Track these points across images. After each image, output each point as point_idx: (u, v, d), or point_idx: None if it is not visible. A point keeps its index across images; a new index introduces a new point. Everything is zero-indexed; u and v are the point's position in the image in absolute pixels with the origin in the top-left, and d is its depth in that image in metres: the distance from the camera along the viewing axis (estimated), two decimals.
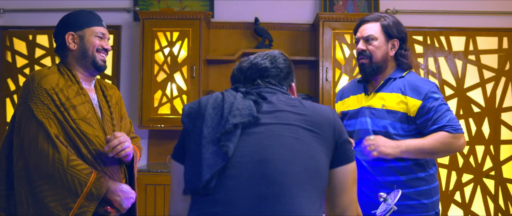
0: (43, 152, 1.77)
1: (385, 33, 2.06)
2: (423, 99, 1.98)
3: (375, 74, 2.08)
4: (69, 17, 2.00)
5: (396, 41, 2.08)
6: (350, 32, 3.76)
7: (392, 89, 2.05)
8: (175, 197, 1.37)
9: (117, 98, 2.13)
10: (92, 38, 1.96)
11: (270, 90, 1.39)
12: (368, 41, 2.06)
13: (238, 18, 4.11)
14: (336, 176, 1.33)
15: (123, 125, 2.10)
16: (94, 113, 1.93)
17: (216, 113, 1.29)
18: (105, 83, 2.13)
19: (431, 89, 2.01)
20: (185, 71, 3.75)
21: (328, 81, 3.73)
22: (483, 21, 4.11)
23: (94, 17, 2.01)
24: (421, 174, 2.03)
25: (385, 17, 2.09)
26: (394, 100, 2.02)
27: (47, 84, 1.85)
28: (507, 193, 4.06)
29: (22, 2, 4.15)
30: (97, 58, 1.97)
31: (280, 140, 1.24)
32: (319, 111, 1.33)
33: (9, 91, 4.16)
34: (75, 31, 1.96)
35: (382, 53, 2.07)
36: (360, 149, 2.05)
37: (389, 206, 1.80)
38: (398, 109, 2.01)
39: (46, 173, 1.76)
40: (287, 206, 1.17)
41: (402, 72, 2.09)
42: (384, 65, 2.08)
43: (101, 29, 1.99)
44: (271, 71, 1.43)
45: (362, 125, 2.07)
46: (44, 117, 1.80)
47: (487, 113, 4.08)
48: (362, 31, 2.08)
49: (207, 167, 1.21)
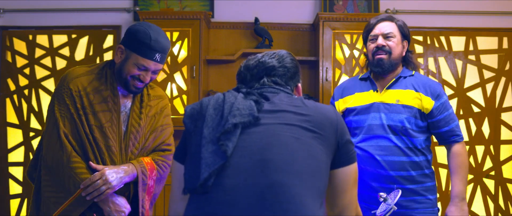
0: (51, 146, 1.84)
1: (400, 32, 2.18)
2: (436, 99, 2.10)
3: (391, 70, 2.16)
4: (133, 30, 1.88)
5: (406, 42, 2.22)
6: (350, 32, 3.76)
7: (406, 86, 2.14)
8: (175, 197, 1.37)
9: (158, 109, 2.03)
10: (132, 66, 1.87)
11: (273, 90, 1.39)
12: (388, 37, 2.15)
13: (238, 18, 4.11)
14: (338, 176, 1.33)
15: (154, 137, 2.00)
16: (117, 122, 1.90)
17: (216, 113, 1.30)
18: (153, 92, 2.04)
19: (441, 90, 2.15)
20: (185, 71, 3.75)
21: (328, 81, 3.73)
22: (483, 21, 4.11)
23: (149, 46, 1.85)
24: (427, 171, 2.13)
25: (396, 18, 2.22)
26: (409, 96, 2.11)
27: (75, 86, 1.88)
28: (507, 193, 4.06)
29: (22, 2, 4.14)
30: (130, 84, 1.90)
31: (280, 140, 1.23)
32: (321, 111, 1.33)
33: (9, 91, 4.15)
34: (126, 47, 1.88)
35: (400, 50, 2.18)
36: (371, 143, 2.09)
37: (389, 206, 1.80)
38: (413, 104, 2.10)
39: (50, 167, 1.84)
40: (287, 206, 1.16)
41: (410, 71, 2.20)
42: (399, 62, 2.19)
43: (146, 62, 1.86)
44: (278, 70, 1.43)
45: (374, 120, 2.11)
46: (61, 115, 1.85)
47: (487, 113, 4.08)
48: (382, 28, 2.17)
49: (205, 165, 1.21)
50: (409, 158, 2.07)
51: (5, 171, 4.14)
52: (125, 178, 1.85)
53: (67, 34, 4.14)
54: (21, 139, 4.15)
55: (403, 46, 2.19)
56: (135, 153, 1.94)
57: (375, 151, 2.08)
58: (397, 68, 2.19)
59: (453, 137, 2.15)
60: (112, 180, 1.80)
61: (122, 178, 1.83)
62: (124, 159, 1.91)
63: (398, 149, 2.07)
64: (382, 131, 2.08)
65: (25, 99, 4.14)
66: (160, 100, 2.06)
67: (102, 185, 1.78)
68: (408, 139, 2.07)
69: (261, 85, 1.41)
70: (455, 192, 2.12)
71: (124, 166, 1.86)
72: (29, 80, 4.14)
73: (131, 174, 1.87)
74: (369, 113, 2.13)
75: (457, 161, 2.14)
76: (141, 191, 1.91)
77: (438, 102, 2.11)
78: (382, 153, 2.07)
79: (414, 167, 2.08)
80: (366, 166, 2.11)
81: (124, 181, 1.85)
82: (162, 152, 2.04)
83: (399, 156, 2.06)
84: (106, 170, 1.80)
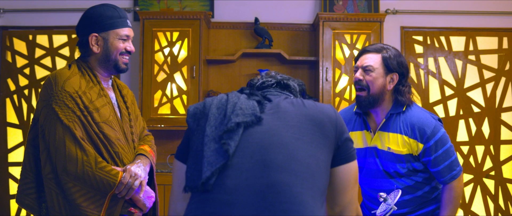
0: (71, 155, 1.77)
1: (385, 65, 2.00)
2: (425, 141, 1.96)
3: (371, 107, 2.04)
4: (93, 15, 1.91)
5: (396, 75, 2.01)
6: (350, 32, 3.76)
7: (395, 129, 2.01)
8: (176, 196, 1.37)
9: (132, 97, 2.10)
10: (116, 41, 1.91)
11: (275, 93, 1.41)
12: (366, 71, 2.01)
13: (238, 18, 4.11)
14: (338, 174, 1.34)
15: (138, 123, 2.09)
16: (115, 114, 1.93)
17: (219, 112, 1.31)
18: (119, 82, 2.10)
19: (434, 128, 1.97)
20: (185, 71, 3.75)
21: (328, 81, 3.73)
22: (483, 21, 4.11)
23: (119, 16, 1.93)
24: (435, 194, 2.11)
25: (387, 49, 2.04)
26: (399, 142, 2.00)
27: (71, 88, 1.83)
28: (507, 193, 4.06)
29: (22, 2, 4.15)
30: (120, 62, 1.94)
31: (281, 140, 1.24)
32: (321, 110, 1.34)
33: (9, 91, 4.16)
34: (99, 32, 1.90)
35: (379, 85, 2.00)
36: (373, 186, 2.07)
37: (389, 206, 1.80)
38: (403, 152, 1.99)
39: (76, 176, 1.77)
40: (288, 205, 1.17)
41: (401, 107, 2.03)
42: (381, 97, 2.02)
43: (126, 31, 1.93)
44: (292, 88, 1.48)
45: (371, 165, 2.07)
46: (69, 120, 1.79)
47: (487, 113, 4.08)
48: (362, 61, 2.04)
49: (207, 164, 1.22)
50: (413, 195, 2.04)
51: (5, 171, 4.14)
52: (146, 168, 1.93)
53: (67, 34, 4.14)
54: (21, 139, 4.15)
55: (392, 79, 2.01)
56: (135, 140, 2.00)
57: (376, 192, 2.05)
58: (383, 103, 2.03)
59: (449, 175, 1.99)
60: (140, 173, 1.86)
61: (145, 169, 1.91)
62: (131, 147, 1.96)
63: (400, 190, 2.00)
64: (381, 175, 2.05)
65: (25, 99, 4.15)
66: (128, 89, 2.12)
67: (135, 181, 1.84)
68: (408, 179, 2.03)
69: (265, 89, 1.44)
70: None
71: (137, 159, 1.93)
72: (29, 80, 4.14)
73: (148, 164, 1.95)
74: (366, 157, 2.07)
75: (451, 195, 2.01)
76: (154, 173, 2.03)
77: (429, 143, 1.96)
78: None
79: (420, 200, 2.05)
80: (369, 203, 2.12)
81: (147, 171, 1.93)
82: (147, 137, 2.11)
83: (401, 196, 2.02)
84: (130, 167, 1.85)
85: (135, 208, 1.91)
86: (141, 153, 1.97)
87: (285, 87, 1.46)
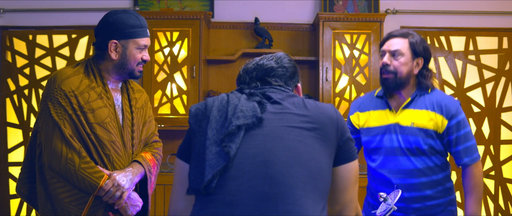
0: (56, 151, 1.79)
1: (412, 50, 2.07)
2: (450, 119, 2.04)
3: (397, 89, 2.09)
4: (116, 21, 1.90)
5: (421, 59, 2.10)
6: (350, 32, 3.76)
7: (421, 106, 2.07)
8: (176, 195, 1.37)
9: (143, 102, 2.08)
10: (135, 51, 1.92)
11: (275, 90, 1.41)
12: (395, 56, 2.07)
13: (238, 18, 4.11)
14: (339, 174, 1.35)
15: (146, 129, 2.05)
16: (115, 116, 1.92)
17: (220, 114, 1.32)
18: (134, 86, 2.08)
19: (457, 108, 2.07)
20: (185, 71, 3.75)
21: (328, 81, 3.74)
22: (483, 21, 4.11)
23: (141, 26, 1.93)
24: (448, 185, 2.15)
25: (412, 34, 2.10)
26: (424, 117, 2.05)
27: (67, 87, 1.85)
28: (507, 193, 4.06)
29: (22, 2, 4.15)
30: (136, 71, 1.95)
31: (283, 142, 1.25)
32: (322, 110, 1.34)
33: (9, 91, 4.16)
34: (119, 39, 1.90)
35: (408, 70, 2.08)
36: (390, 167, 2.08)
37: (389, 206, 1.80)
38: (428, 126, 2.04)
39: (59, 172, 1.79)
40: (290, 207, 1.17)
41: (426, 89, 2.11)
42: (407, 81, 2.09)
43: (145, 41, 1.94)
44: (277, 71, 1.45)
45: (391, 142, 2.08)
46: (59, 118, 1.81)
47: (487, 113, 4.08)
48: (390, 45, 2.08)
49: (209, 167, 1.23)
50: (429, 178, 2.05)
51: (5, 171, 4.14)
52: (135, 178, 1.90)
53: (67, 34, 4.14)
54: (21, 139, 4.15)
55: (417, 64, 2.09)
56: (135, 145, 1.98)
57: (393, 174, 2.06)
58: (407, 87, 2.10)
59: (468, 157, 2.06)
60: (123, 184, 1.84)
61: (132, 179, 1.88)
62: (129, 152, 1.94)
63: (417, 171, 2.04)
64: (401, 153, 2.06)
65: (25, 99, 4.15)
66: (142, 93, 2.11)
67: (116, 191, 1.83)
68: (428, 159, 2.05)
69: (262, 85, 1.43)
70: (469, 213, 2.08)
71: (129, 167, 1.90)
72: (29, 80, 4.14)
73: (139, 173, 1.91)
74: (385, 134, 2.09)
75: (472, 182, 2.07)
76: (150, 190, 1.99)
77: (453, 122, 2.03)
78: (401, 176, 2.05)
79: (434, 185, 2.06)
80: (378, 185, 2.12)
81: (135, 181, 1.90)
82: (156, 143, 2.09)
83: (419, 177, 2.04)
84: (115, 176, 1.83)
85: (113, 213, 1.89)
86: (137, 160, 1.94)
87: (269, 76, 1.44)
